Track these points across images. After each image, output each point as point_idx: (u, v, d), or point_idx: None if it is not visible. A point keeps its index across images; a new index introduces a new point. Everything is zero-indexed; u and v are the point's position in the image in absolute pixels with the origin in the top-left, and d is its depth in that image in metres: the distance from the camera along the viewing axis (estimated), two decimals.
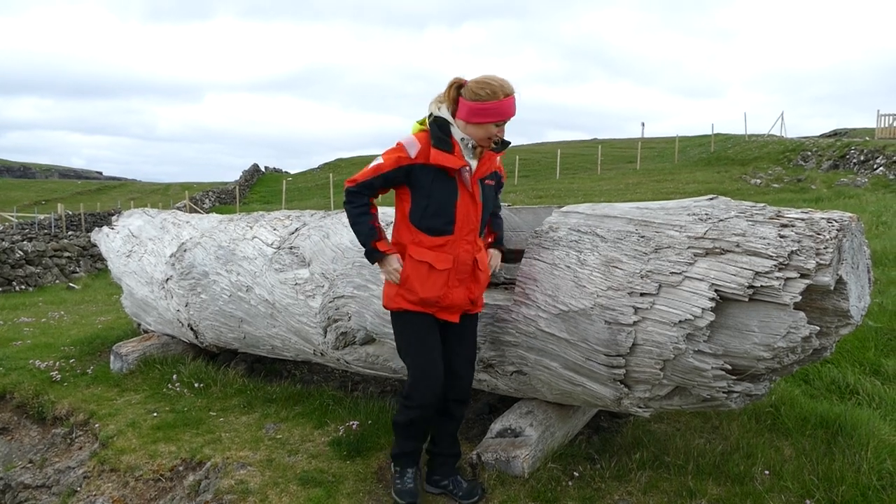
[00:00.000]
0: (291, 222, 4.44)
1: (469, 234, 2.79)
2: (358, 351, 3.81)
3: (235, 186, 47.85)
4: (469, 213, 2.77)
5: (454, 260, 2.76)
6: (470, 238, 2.80)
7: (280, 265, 4.15)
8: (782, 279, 2.49)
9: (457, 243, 2.77)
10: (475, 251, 2.83)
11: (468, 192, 2.77)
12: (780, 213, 2.68)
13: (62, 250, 18.93)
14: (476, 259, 2.83)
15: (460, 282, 2.80)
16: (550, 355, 3.00)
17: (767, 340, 2.57)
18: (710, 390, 2.72)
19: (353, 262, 3.74)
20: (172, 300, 4.84)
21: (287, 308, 4.04)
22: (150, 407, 4.18)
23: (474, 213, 2.79)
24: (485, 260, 2.90)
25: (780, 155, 25.94)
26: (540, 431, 3.19)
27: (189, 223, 5.18)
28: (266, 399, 4.15)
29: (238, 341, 4.57)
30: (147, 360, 4.90)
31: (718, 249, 2.63)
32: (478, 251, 2.85)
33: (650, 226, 2.89)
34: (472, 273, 2.83)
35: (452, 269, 2.77)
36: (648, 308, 2.68)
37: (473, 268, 2.83)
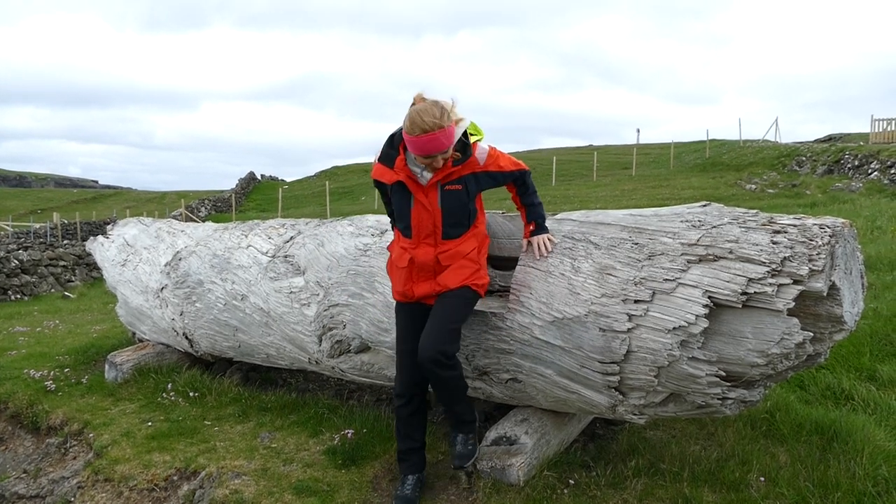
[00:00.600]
0: (286, 231, 4.44)
1: (427, 238, 2.95)
2: (353, 359, 3.81)
3: (231, 195, 47.81)
4: (422, 219, 2.92)
5: (410, 260, 2.97)
6: (429, 241, 2.95)
7: (275, 273, 4.15)
8: (775, 285, 2.50)
9: (417, 246, 2.96)
10: (437, 252, 2.95)
11: (421, 200, 2.90)
12: (772, 220, 2.69)
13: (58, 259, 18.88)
14: (438, 258, 2.95)
15: (424, 278, 2.98)
16: (545, 363, 3.00)
17: (761, 347, 2.58)
18: (705, 397, 2.73)
19: (347, 270, 3.74)
20: (167, 309, 4.83)
21: (282, 316, 4.04)
22: (144, 416, 4.16)
23: (428, 218, 2.92)
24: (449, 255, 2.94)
25: (774, 160, 26.03)
26: (535, 439, 3.18)
27: (184, 232, 5.17)
28: (261, 408, 4.14)
29: (233, 350, 4.56)
30: (142, 370, 4.88)
31: (712, 256, 2.64)
32: (442, 251, 2.95)
33: (644, 233, 2.90)
34: (435, 269, 2.97)
35: (411, 267, 2.98)
36: (642, 315, 2.68)
37: (435, 264, 2.96)
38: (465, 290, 2.96)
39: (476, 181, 2.96)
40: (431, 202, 2.90)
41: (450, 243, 2.96)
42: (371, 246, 3.74)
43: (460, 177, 2.91)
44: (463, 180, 2.92)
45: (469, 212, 2.98)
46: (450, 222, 2.93)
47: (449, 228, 2.94)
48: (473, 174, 2.94)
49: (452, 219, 2.93)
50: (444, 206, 2.90)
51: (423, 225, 2.92)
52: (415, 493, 3.04)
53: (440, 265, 2.96)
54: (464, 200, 2.93)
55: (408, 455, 3.09)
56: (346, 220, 4.16)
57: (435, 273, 2.97)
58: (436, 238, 2.94)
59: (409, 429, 3.07)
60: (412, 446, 3.08)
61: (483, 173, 2.97)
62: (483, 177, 2.97)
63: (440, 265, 2.96)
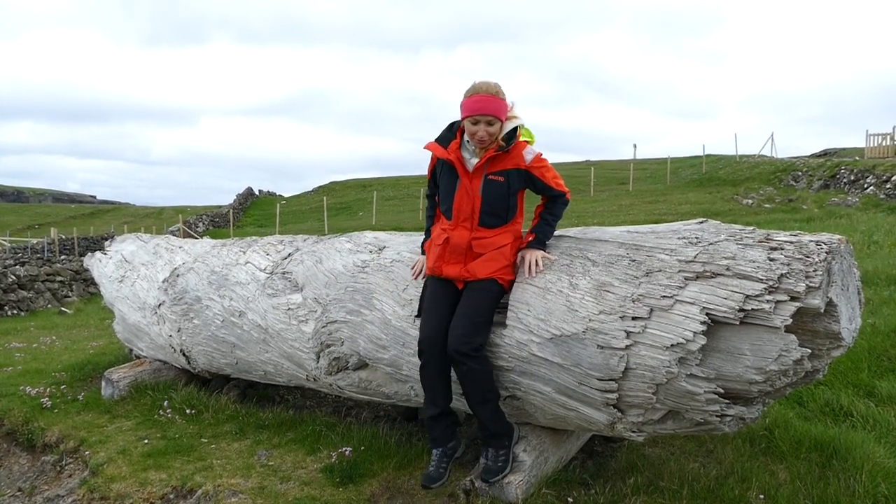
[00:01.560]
0: (284, 247, 4.44)
1: (465, 221, 3.12)
2: (351, 376, 3.80)
3: (229, 210, 47.84)
4: (463, 203, 3.11)
5: (446, 239, 3.14)
6: (466, 225, 3.12)
7: (273, 290, 4.15)
8: (772, 302, 2.50)
9: (455, 228, 3.14)
10: (472, 236, 3.11)
11: (465, 184, 3.11)
12: (769, 237, 2.70)
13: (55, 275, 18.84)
14: (471, 243, 3.11)
15: (455, 260, 3.13)
16: (543, 380, 2.99)
17: (759, 363, 2.58)
18: (704, 414, 2.72)
19: (345, 287, 3.74)
20: (165, 325, 4.82)
21: (280, 333, 4.03)
22: (140, 434, 4.14)
23: (468, 203, 3.10)
24: (483, 244, 3.11)
25: (770, 175, 26.16)
26: (534, 457, 3.17)
27: (182, 248, 5.18)
28: (258, 425, 4.12)
29: (230, 367, 4.55)
30: (138, 386, 4.87)
31: (709, 273, 2.65)
32: (477, 237, 3.11)
33: (641, 250, 2.91)
34: (466, 254, 3.12)
35: (445, 245, 3.14)
36: (640, 332, 2.69)
37: (467, 249, 3.11)
38: (492, 282, 3.07)
39: (518, 177, 3.11)
40: (473, 188, 3.10)
41: (485, 231, 3.12)
42: (369, 263, 3.75)
43: (504, 169, 3.09)
44: (506, 173, 3.09)
45: (508, 205, 3.13)
46: (487, 210, 3.10)
47: (486, 216, 3.10)
48: (517, 169, 3.10)
49: (490, 207, 3.09)
50: (484, 194, 3.08)
51: (463, 208, 3.11)
52: (439, 470, 3.07)
53: (472, 251, 3.11)
54: (504, 192, 3.09)
55: (432, 425, 3.13)
56: (344, 236, 4.17)
57: (466, 259, 3.12)
58: (472, 223, 3.11)
59: (432, 392, 3.12)
60: (434, 413, 3.11)
61: (526, 171, 3.12)
62: (525, 174, 3.12)
63: (472, 251, 3.11)
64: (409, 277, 3.52)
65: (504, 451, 3.08)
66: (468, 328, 2.99)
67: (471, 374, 2.97)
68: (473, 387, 3.01)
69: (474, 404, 3.07)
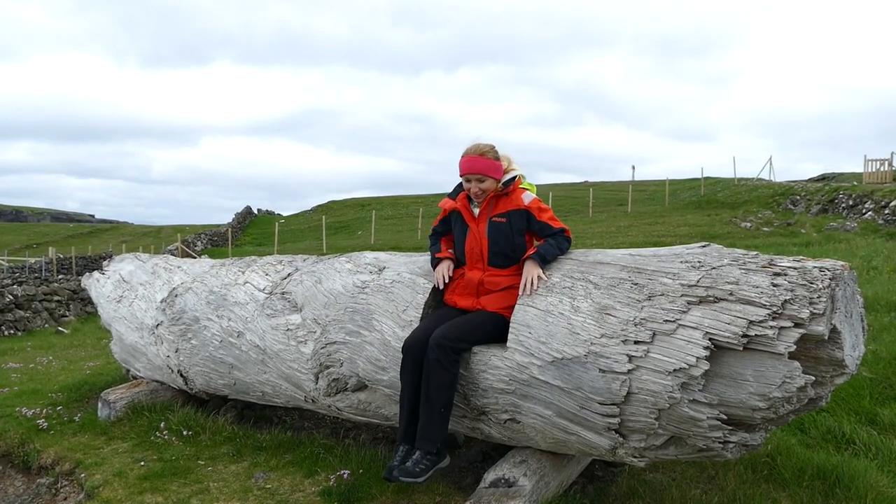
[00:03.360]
0: (283, 267, 4.43)
1: (477, 263, 3.38)
2: (350, 398, 3.77)
3: (228, 229, 47.84)
4: (473, 246, 3.39)
5: (462, 275, 3.43)
6: (478, 266, 3.38)
7: (272, 311, 4.13)
8: (776, 328, 2.50)
9: (470, 270, 3.40)
10: (484, 275, 3.35)
11: (473, 229, 3.40)
12: (772, 262, 2.70)
13: (52, 294, 18.78)
14: (483, 280, 3.34)
15: (468, 293, 3.38)
16: (544, 403, 2.97)
17: (763, 390, 2.56)
18: (706, 440, 2.70)
19: (345, 307, 3.72)
20: (162, 346, 4.79)
21: (278, 354, 4.01)
22: (137, 456, 4.09)
23: (476, 245, 3.38)
24: (494, 282, 3.33)
25: (769, 199, 26.23)
26: (534, 481, 3.13)
27: (180, 268, 5.16)
28: (256, 447, 4.07)
29: (228, 388, 4.51)
30: (135, 407, 4.82)
31: (712, 297, 2.64)
32: (488, 276, 3.34)
33: (643, 273, 2.90)
34: (478, 290, 3.35)
35: (461, 280, 3.42)
36: (643, 356, 2.67)
37: (478, 285, 3.35)
38: (499, 316, 3.24)
39: (519, 216, 3.34)
40: (480, 231, 3.37)
41: (496, 271, 3.34)
42: (369, 283, 3.74)
43: (506, 211, 3.35)
44: (507, 214, 3.34)
45: (514, 244, 3.32)
46: (494, 250, 3.32)
47: (494, 256, 3.33)
48: (518, 210, 3.34)
49: (497, 247, 3.32)
50: (490, 235, 3.34)
51: (473, 251, 3.38)
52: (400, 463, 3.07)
53: (483, 287, 3.33)
54: (508, 231, 3.32)
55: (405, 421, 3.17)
56: (344, 256, 4.16)
57: (478, 293, 3.35)
58: (483, 263, 3.36)
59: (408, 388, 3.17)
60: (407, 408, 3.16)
61: (526, 210, 3.34)
62: (525, 214, 3.34)
63: (483, 287, 3.33)
64: (409, 299, 3.51)
65: (428, 460, 3.07)
66: (456, 330, 3.15)
67: (437, 366, 3.06)
68: (432, 382, 3.09)
69: (424, 399, 3.12)
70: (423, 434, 3.09)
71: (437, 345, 3.07)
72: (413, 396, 3.21)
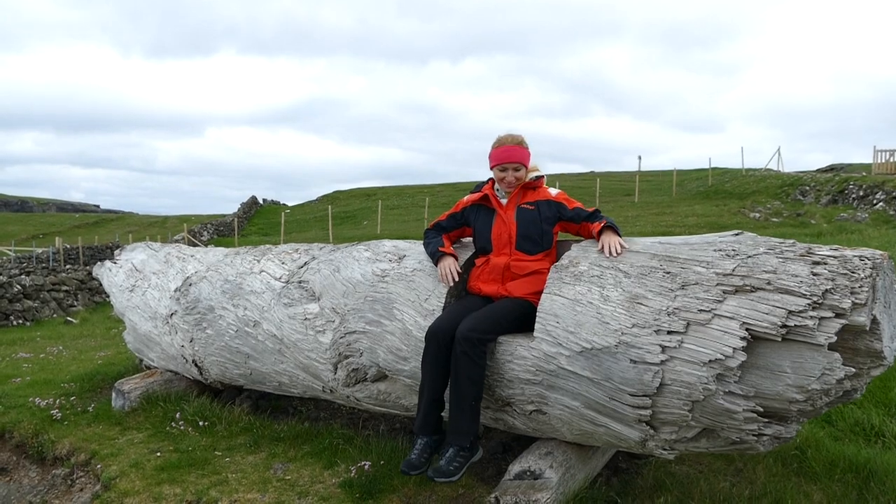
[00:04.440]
0: (300, 256, 4.37)
1: (504, 248, 3.38)
2: (369, 388, 3.71)
3: (234, 219, 47.84)
4: (501, 232, 3.39)
5: (487, 260, 3.41)
6: (505, 251, 3.37)
7: (289, 299, 4.07)
8: (816, 318, 2.42)
9: (496, 256, 3.39)
10: (511, 259, 3.34)
11: (501, 215, 3.42)
12: (810, 250, 2.62)
13: (60, 284, 18.79)
14: (510, 264, 3.33)
15: (493, 279, 3.35)
16: (571, 394, 2.90)
17: (801, 382, 2.49)
18: (741, 433, 2.63)
19: (364, 296, 3.66)
20: (177, 335, 4.74)
21: (296, 344, 3.95)
22: (153, 446, 4.05)
23: (505, 231, 3.38)
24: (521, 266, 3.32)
25: (778, 189, 26.05)
26: (560, 473, 3.07)
27: (194, 257, 5.10)
28: (273, 438, 4.03)
29: (244, 378, 4.46)
30: (150, 398, 4.78)
31: (749, 287, 2.56)
32: (515, 259, 3.34)
33: (675, 261, 2.83)
34: (504, 273, 3.33)
35: (485, 266, 3.40)
36: (676, 347, 2.60)
37: (505, 269, 3.33)
38: (525, 302, 3.22)
39: (548, 207, 3.38)
40: (508, 217, 3.40)
41: (523, 255, 3.33)
42: (389, 272, 3.67)
43: (534, 200, 3.40)
44: (536, 203, 3.39)
45: (542, 231, 3.35)
46: (523, 234, 3.34)
47: (522, 240, 3.34)
48: (546, 200, 3.40)
49: (525, 231, 3.34)
50: (518, 220, 3.37)
51: (501, 236, 3.38)
52: (421, 459, 3.05)
53: (510, 271, 3.32)
54: (536, 218, 3.35)
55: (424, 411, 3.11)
56: (362, 245, 4.09)
57: (504, 278, 3.33)
58: (511, 248, 3.35)
59: (428, 378, 3.11)
60: (428, 398, 3.11)
61: (555, 202, 3.40)
62: (555, 205, 3.39)
63: (510, 271, 3.32)
64: (431, 287, 3.45)
65: (462, 457, 3.02)
66: (483, 321, 3.08)
67: (466, 359, 2.99)
68: (461, 375, 3.03)
69: (454, 394, 3.07)
70: (456, 429, 3.03)
71: (464, 338, 3.01)
72: (435, 386, 3.15)
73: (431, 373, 3.13)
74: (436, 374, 3.13)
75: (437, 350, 3.11)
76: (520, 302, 3.24)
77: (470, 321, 3.09)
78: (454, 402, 3.07)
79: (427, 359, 3.15)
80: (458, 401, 3.05)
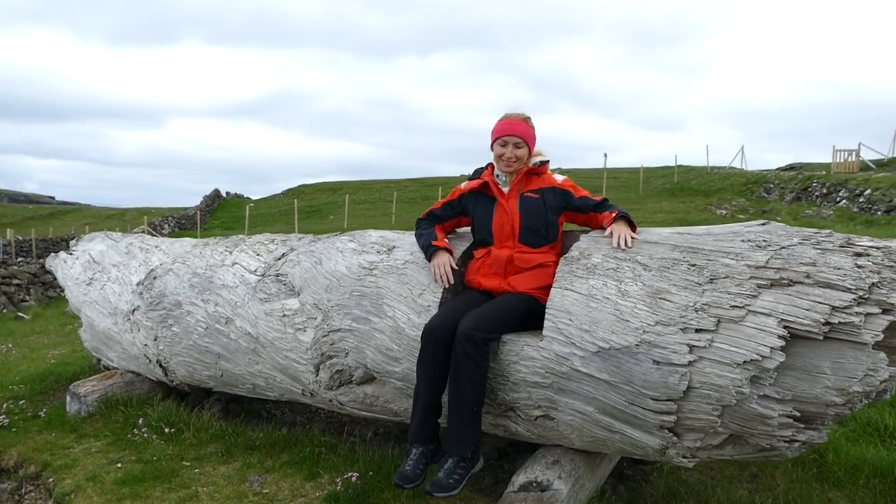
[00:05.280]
0: (277, 247, 4.03)
1: (507, 241, 3.11)
2: (355, 391, 3.40)
3: (196, 212, 46.65)
4: (503, 222, 3.13)
5: (487, 252, 3.15)
6: (508, 244, 3.11)
7: (265, 294, 3.73)
8: (862, 315, 2.20)
9: (498, 248, 3.13)
10: (514, 251, 3.08)
11: (502, 204, 3.15)
12: (850, 241, 2.40)
13: (11, 277, 17.93)
14: (512, 256, 3.06)
15: (495, 273, 3.09)
16: (585, 398, 2.65)
17: (841, 384, 2.27)
18: (771, 439, 2.41)
19: (350, 291, 3.35)
20: (139, 333, 4.35)
21: (273, 342, 3.62)
22: (113, 456, 3.68)
23: (507, 221, 3.12)
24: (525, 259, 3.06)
25: (742, 187, 26.39)
26: (570, 485, 2.81)
27: (159, 248, 4.72)
28: (247, 445, 3.69)
29: (214, 379, 4.10)
30: (109, 401, 4.39)
31: (786, 280, 2.33)
32: (518, 251, 3.07)
33: (699, 253, 2.59)
34: (507, 267, 3.07)
35: (486, 258, 3.14)
36: (706, 346, 2.36)
37: (508, 262, 3.06)
38: (529, 296, 2.97)
39: (554, 195, 3.12)
40: (511, 206, 3.13)
41: (527, 248, 3.08)
42: (377, 264, 3.36)
43: (539, 188, 3.14)
44: (541, 191, 3.13)
45: (547, 222, 3.10)
46: (527, 226, 3.08)
47: (526, 233, 3.08)
48: (552, 188, 3.14)
49: (529, 222, 3.08)
50: (522, 210, 3.10)
51: (504, 228, 3.11)
52: (416, 471, 2.77)
53: (513, 264, 3.06)
54: (541, 207, 3.10)
55: (419, 417, 2.83)
56: (346, 235, 3.78)
57: (506, 272, 3.06)
58: (514, 241, 3.09)
59: (425, 380, 2.83)
60: (424, 402, 2.83)
61: (560, 189, 3.14)
62: (561, 193, 3.14)
63: (513, 264, 3.06)
64: (425, 282, 3.16)
65: (462, 468, 2.75)
66: (485, 319, 2.82)
67: (468, 361, 2.72)
68: (463, 378, 2.74)
69: (453, 399, 2.79)
70: (456, 437, 2.75)
71: (466, 337, 2.72)
72: (432, 390, 2.87)
73: (428, 375, 2.85)
74: (433, 376, 2.84)
75: (435, 350, 2.83)
76: (524, 297, 2.98)
77: (471, 319, 2.81)
78: (454, 408, 2.79)
79: (423, 360, 2.86)
80: (459, 406, 2.77)
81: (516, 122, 3.15)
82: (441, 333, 2.81)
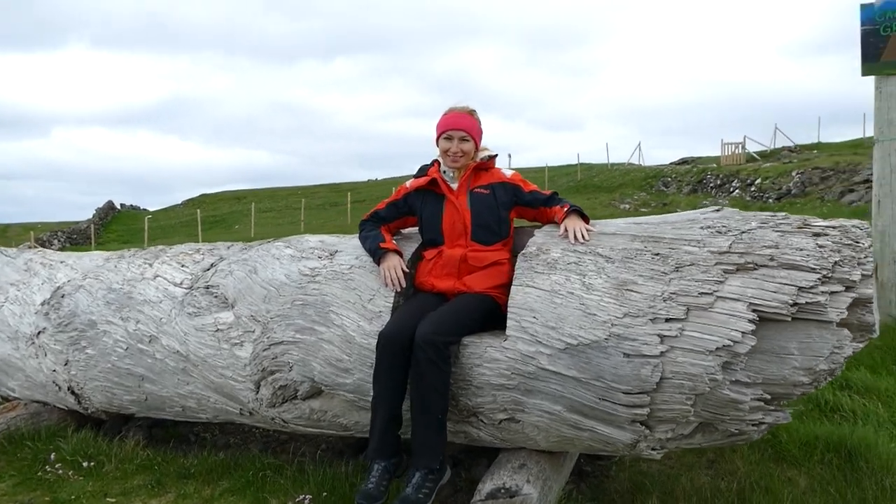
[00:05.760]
0: (203, 257, 3.72)
1: (459, 239, 3.00)
2: (300, 407, 3.17)
3: (90, 225, 43.78)
4: (454, 221, 3.02)
5: (439, 252, 3.02)
6: (460, 242, 3.00)
7: (195, 308, 3.43)
8: (827, 294, 2.23)
9: (449, 247, 3.01)
10: (467, 250, 2.98)
11: (452, 201, 3.04)
12: (807, 222, 2.44)
13: None
14: (466, 255, 2.96)
15: (448, 273, 2.97)
16: (553, 397, 2.56)
17: (808, 363, 2.30)
18: (741, 424, 2.42)
19: (292, 300, 3.12)
20: (46, 358, 3.91)
21: (205, 360, 3.33)
22: (21, 499, 3.26)
23: (459, 219, 3.01)
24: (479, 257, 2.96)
25: (642, 181, 27.57)
26: (539, 488, 2.71)
27: (65, 263, 4.27)
28: (181, 474, 3.37)
29: (137, 404, 3.74)
30: (12, 437, 3.92)
31: (751, 264, 2.34)
32: (472, 250, 2.97)
33: (661, 242, 2.56)
34: (460, 268, 2.95)
35: (437, 259, 3.00)
36: (677, 335, 2.32)
37: (461, 262, 2.95)
38: (486, 297, 2.87)
39: (504, 190, 3.05)
40: (461, 203, 3.02)
41: (480, 246, 2.98)
42: (320, 270, 3.15)
43: (489, 183, 3.06)
44: (491, 186, 3.05)
45: (499, 218, 3.01)
46: (478, 222, 2.98)
47: (478, 230, 2.98)
48: (501, 183, 3.07)
49: (481, 219, 2.99)
50: (472, 206, 3.01)
51: (455, 226, 3.00)
52: (380, 488, 2.60)
53: (467, 263, 2.95)
54: (492, 204, 3.01)
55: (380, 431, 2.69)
56: (281, 241, 3.54)
57: (460, 272, 2.95)
58: (466, 239, 2.99)
59: (384, 391, 2.69)
60: (383, 416, 2.68)
61: (510, 183, 3.08)
62: (511, 188, 3.06)
63: (467, 263, 2.95)
64: (374, 286, 2.98)
65: (431, 481, 2.63)
66: (445, 322, 2.70)
67: (431, 367, 2.59)
68: (426, 386, 2.62)
69: (416, 408, 2.66)
70: (423, 449, 2.59)
71: (427, 342, 2.58)
72: (392, 401, 2.71)
73: (388, 385, 2.68)
74: (393, 386, 2.68)
75: (393, 359, 2.67)
76: (482, 297, 2.87)
77: (430, 323, 2.67)
78: (418, 418, 2.63)
79: (381, 370, 2.69)
80: (423, 416, 2.62)
81: (461, 116, 3.07)
82: (399, 340, 2.65)
